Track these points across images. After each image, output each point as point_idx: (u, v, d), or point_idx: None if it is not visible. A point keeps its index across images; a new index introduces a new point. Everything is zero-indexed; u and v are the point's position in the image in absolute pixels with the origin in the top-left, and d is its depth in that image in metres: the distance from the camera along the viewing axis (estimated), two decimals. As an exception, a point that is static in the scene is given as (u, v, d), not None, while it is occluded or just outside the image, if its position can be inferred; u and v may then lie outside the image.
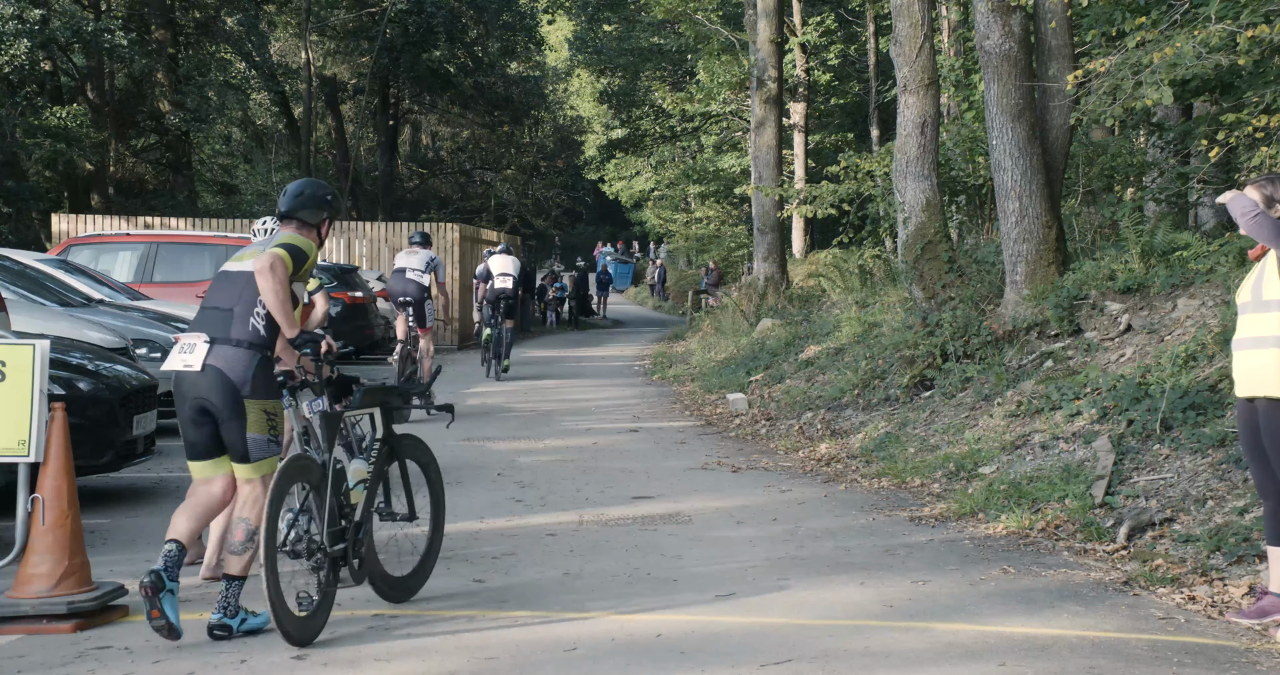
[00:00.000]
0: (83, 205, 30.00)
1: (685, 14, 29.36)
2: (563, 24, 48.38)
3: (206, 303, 5.64)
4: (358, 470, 5.87)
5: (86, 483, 8.70)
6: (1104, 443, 8.22)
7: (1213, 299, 9.47)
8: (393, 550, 6.30)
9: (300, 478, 5.45)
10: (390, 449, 6.07)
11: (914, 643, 5.33)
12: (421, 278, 14.25)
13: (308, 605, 5.35)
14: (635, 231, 61.24)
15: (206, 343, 5.46)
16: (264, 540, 5.17)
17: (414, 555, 6.28)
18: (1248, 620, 5.57)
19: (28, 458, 5.73)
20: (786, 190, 22.85)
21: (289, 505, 5.48)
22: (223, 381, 5.41)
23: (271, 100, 39.96)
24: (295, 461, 5.41)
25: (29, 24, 24.91)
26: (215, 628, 5.34)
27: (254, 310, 5.51)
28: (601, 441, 11.89)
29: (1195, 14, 9.21)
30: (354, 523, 5.70)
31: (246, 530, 5.40)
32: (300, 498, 5.51)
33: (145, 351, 11.49)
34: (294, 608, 5.28)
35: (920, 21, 12.55)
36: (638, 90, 40.98)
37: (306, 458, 5.53)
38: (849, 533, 7.69)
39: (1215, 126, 10.18)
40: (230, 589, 5.37)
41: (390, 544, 6.33)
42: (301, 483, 5.49)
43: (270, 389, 5.53)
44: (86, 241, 17.48)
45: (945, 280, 12.27)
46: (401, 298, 14.25)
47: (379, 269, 24.41)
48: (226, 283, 5.64)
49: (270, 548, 5.17)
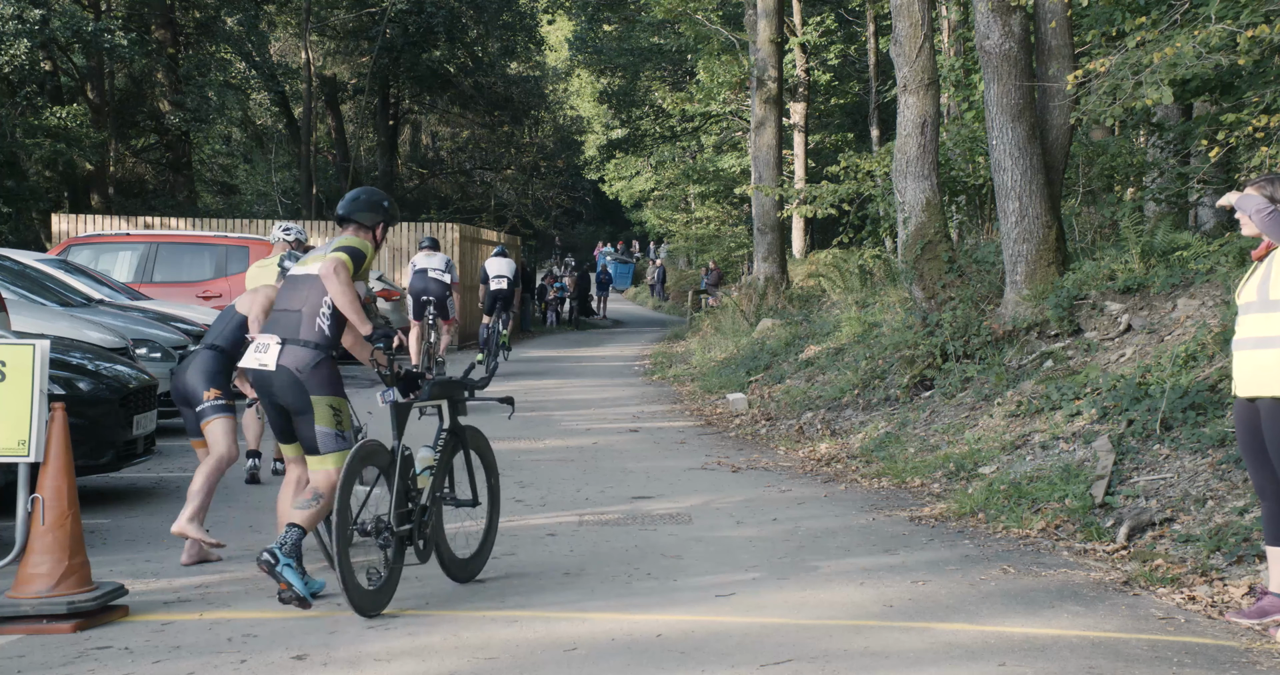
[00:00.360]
0: (83, 205, 29.99)
1: (685, 14, 29.34)
2: (563, 24, 48.34)
3: (278, 306, 6.04)
4: (425, 458, 6.29)
5: (86, 483, 8.70)
6: (1104, 443, 8.22)
7: (1213, 299, 9.47)
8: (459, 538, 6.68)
9: (370, 461, 5.89)
10: (456, 439, 6.47)
11: (914, 643, 5.33)
12: (443, 276, 15.90)
13: (376, 581, 5.73)
14: (635, 231, 61.20)
15: (279, 343, 5.87)
16: (336, 519, 5.54)
17: (475, 540, 6.67)
18: (1248, 620, 5.56)
19: (28, 458, 5.73)
20: (786, 190, 22.83)
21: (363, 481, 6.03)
22: (292, 380, 5.82)
23: (271, 100, 39.93)
24: (366, 446, 5.84)
25: (29, 24, 24.90)
26: (262, 556, 5.68)
27: (320, 312, 5.89)
28: (601, 441, 11.89)
29: (1195, 14, 9.21)
30: (420, 505, 6.07)
31: (315, 493, 5.84)
32: (371, 480, 6.01)
33: (145, 351, 11.49)
34: (363, 582, 5.67)
35: (920, 21, 12.55)
36: (638, 90, 40.96)
37: (377, 443, 5.94)
38: (849, 533, 7.69)
39: (1215, 126, 10.18)
40: (289, 533, 5.75)
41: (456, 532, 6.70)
42: (372, 466, 5.94)
43: (335, 386, 5.91)
44: (86, 241, 17.48)
45: (945, 280, 12.27)
46: (424, 296, 15.59)
47: (379, 269, 24.40)
48: (293, 287, 6.02)
49: (342, 526, 5.55)
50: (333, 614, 5.80)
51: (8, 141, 26.11)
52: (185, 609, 5.91)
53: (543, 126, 53.00)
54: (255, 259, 16.16)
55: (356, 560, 5.83)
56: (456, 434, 6.48)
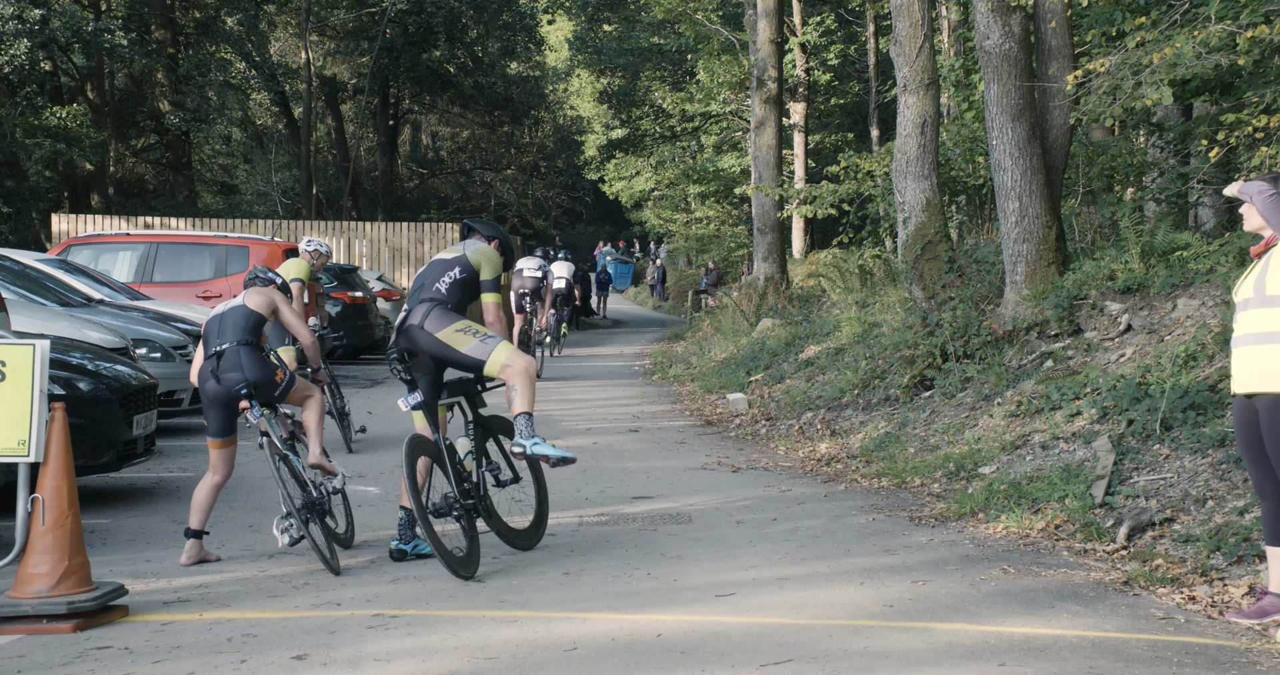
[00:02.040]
0: (83, 205, 30.01)
1: (685, 14, 29.36)
2: (563, 24, 48.36)
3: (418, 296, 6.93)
4: (463, 445, 6.98)
5: (86, 483, 8.71)
6: (1104, 443, 8.22)
7: (1213, 299, 9.47)
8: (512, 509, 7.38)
9: (422, 453, 6.64)
10: (482, 429, 7.16)
11: (914, 643, 5.33)
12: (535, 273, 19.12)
13: (460, 550, 6.55)
14: (635, 231, 61.20)
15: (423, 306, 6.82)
16: (415, 507, 6.35)
17: (530, 511, 7.38)
18: (1248, 620, 5.56)
19: (28, 458, 5.73)
20: (786, 190, 22.83)
21: None
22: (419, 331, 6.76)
23: (271, 100, 39.96)
24: (416, 438, 6.60)
25: (29, 24, 24.91)
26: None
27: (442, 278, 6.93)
28: (601, 441, 11.88)
29: (1195, 14, 9.21)
30: (473, 483, 6.89)
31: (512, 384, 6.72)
32: (426, 469, 6.74)
33: (145, 351, 11.49)
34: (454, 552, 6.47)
35: (920, 21, 12.55)
36: (638, 90, 40.95)
37: (423, 437, 6.70)
38: (849, 533, 7.69)
39: (1215, 126, 10.17)
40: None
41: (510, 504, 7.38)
42: (424, 457, 6.70)
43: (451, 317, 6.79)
44: (86, 241, 17.47)
45: (945, 280, 12.27)
46: (521, 290, 18.92)
47: (379, 269, 24.40)
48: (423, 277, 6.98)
49: (421, 511, 6.38)
50: (333, 614, 5.80)
51: (8, 141, 26.12)
52: (185, 609, 5.92)
53: (543, 126, 53.04)
54: (255, 259, 16.18)
55: None
56: (481, 424, 7.13)
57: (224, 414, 6.92)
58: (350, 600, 6.03)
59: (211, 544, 7.15)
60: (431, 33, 37.13)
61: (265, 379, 6.90)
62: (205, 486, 6.95)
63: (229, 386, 6.81)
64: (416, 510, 6.35)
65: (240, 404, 6.82)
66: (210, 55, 32.53)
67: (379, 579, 6.51)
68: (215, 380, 6.84)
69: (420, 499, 6.44)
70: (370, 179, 44.96)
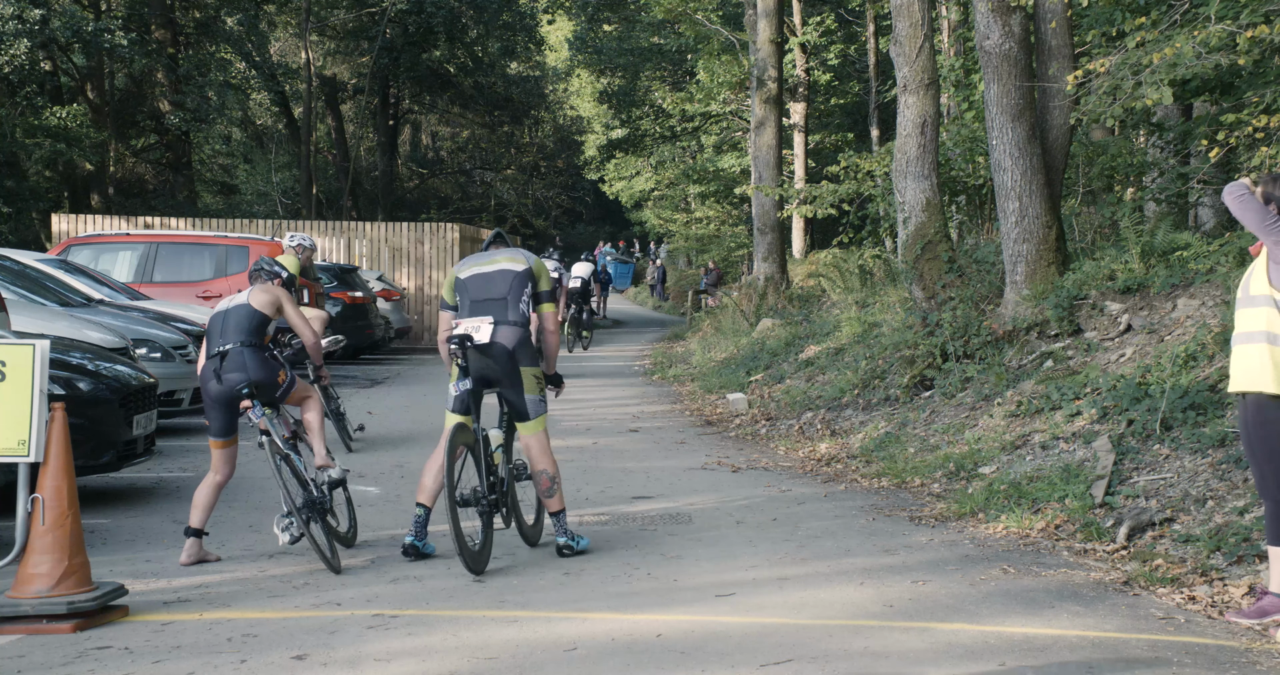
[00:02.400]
0: (83, 205, 29.99)
1: (685, 14, 29.34)
2: (563, 24, 48.34)
3: (477, 297, 6.96)
4: (495, 436, 7.10)
5: (86, 483, 8.70)
6: (1104, 443, 8.22)
7: (1213, 299, 9.47)
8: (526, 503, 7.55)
9: (462, 442, 6.72)
10: (510, 422, 7.28)
11: (914, 643, 5.33)
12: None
13: (475, 545, 6.59)
14: (635, 231, 61.19)
15: (491, 324, 6.84)
16: (446, 494, 6.42)
17: (529, 513, 7.53)
18: (1248, 620, 5.56)
19: (28, 458, 5.73)
20: (786, 190, 22.84)
21: None
22: (505, 353, 6.84)
23: (271, 100, 39.94)
24: (458, 430, 6.68)
25: (29, 24, 24.90)
26: (562, 548, 7.01)
27: (521, 298, 6.97)
28: (601, 441, 11.88)
29: (1195, 14, 9.21)
30: (500, 478, 6.97)
31: (548, 478, 6.98)
32: (462, 459, 6.81)
33: (145, 351, 11.48)
34: (471, 546, 6.51)
35: (920, 21, 12.55)
36: (638, 90, 40.94)
37: (466, 427, 6.80)
38: (849, 533, 7.69)
39: (1215, 126, 10.17)
40: (560, 520, 7.05)
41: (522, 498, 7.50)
42: (464, 446, 6.76)
43: (536, 358, 7.02)
44: (86, 241, 17.47)
45: (945, 280, 12.27)
46: (572, 285, 21.52)
47: (379, 269, 24.39)
48: (489, 281, 6.99)
49: (451, 499, 6.41)
50: (333, 614, 5.80)
51: (8, 141, 26.11)
52: (185, 609, 5.92)
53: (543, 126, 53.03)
54: (255, 259, 16.17)
55: None
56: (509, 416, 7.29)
57: (225, 414, 6.92)
58: (350, 600, 6.03)
59: (211, 544, 7.15)
60: (431, 33, 37.12)
61: (268, 379, 6.90)
62: (206, 486, 6.96)
63: (231, 386, 6.81)
64: (448, 494, 6.41)
65: (242, 403, 6.82)
66: (210, 55, 32.52)
67: (379, 579, 6.51)
68: (217, 380, 6.84)
69: (454, 482, 6.50)
70: (370, 179, 44.96)
